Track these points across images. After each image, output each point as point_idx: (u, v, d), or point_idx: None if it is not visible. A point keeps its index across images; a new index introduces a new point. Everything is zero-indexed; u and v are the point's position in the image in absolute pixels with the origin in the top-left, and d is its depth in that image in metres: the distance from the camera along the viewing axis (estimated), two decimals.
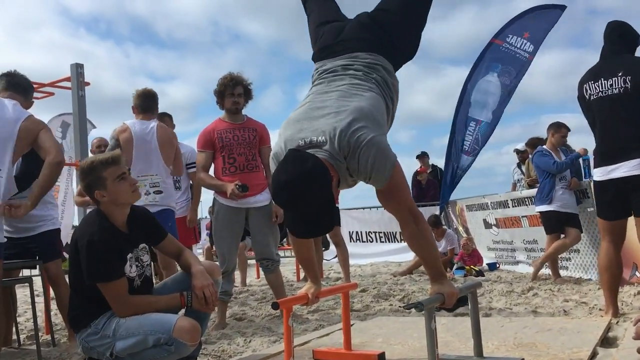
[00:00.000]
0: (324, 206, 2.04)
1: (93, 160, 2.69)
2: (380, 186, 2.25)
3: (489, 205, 8.02)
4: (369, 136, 2.15)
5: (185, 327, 2.51)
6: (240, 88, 4.45)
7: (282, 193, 2.04)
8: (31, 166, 3.63)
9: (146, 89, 4.58)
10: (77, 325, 2.67)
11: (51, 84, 7.01)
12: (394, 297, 5.50)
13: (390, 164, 2.19)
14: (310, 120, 2.27)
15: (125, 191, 2.67)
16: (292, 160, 2.09)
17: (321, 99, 2.36)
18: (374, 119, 2.24)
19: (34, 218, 3.93)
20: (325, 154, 2.15)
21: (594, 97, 3.70)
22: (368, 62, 2.48)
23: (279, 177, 2.07)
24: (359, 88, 2.36)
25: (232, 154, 4.39)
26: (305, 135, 2.21)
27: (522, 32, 8.80)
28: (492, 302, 4.85)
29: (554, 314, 4.08)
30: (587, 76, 3.78)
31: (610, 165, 3.59)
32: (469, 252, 7.69)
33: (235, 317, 4.80)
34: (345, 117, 2.19)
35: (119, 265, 2.60)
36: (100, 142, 5.69)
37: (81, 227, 2.70)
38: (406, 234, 2.37)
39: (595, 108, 3.70)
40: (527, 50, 8.79)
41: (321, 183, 2.04)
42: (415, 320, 3.83)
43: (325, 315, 4.66)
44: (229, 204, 4.31)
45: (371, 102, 2.30)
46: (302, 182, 2.00)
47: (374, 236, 10.55)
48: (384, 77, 2.47)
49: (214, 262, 3.73)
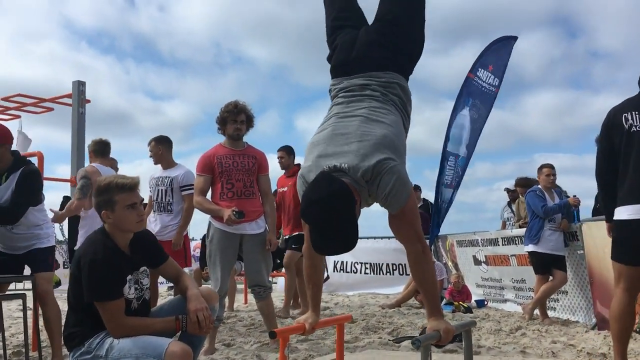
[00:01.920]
0: (348, 225, 2.22)
1: (111, 181, 2.72)
2: (394, 211, 2.42)
3: (479, 242, 8.07)
4: (391, 164, 2.34)
5: (177, 352, 2.52)
6: (243, 116, 4.52)
7: (311, 209, 2.22)
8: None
9: (102, 138, 5.28)
10: (71, 343, 2.68)
11: (52, 100, 7.06)
12: (383, 329, 5.50)
13: (407, 191, 2.38)
14: (334, 146, 2.45)
15: (130, 221, 2.71)
16: (321, 181, 2.29)
17: (344, 125, 2.54)
18: (396, 147, 2.43)
19: (30, 236, 3.93)
20: (349, 178, 2.32)
21: (636, 129, 3.36)
22: (384, 81, 2.66)
23: (309, 195, 2.25)
24: (379, 113, 2.54)
25: (231, 179, 4.44)
26: (330, 162, 2.38)
27: (487, 66, 9.05)
28: (481, 340, 4.87)
29: (542, 355, 4.10)
30: (628, 105, 3.46)
31: None
32: (459, 289, 7.72)
33: (224, 342, 4.78)
34: (368, 146, 2.37)
35: (119, 286, 2.62)
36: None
37: (85, 245, 2.73)
38: (412, 258, 2.48)
39: (636, 140, 3.34)
40: (492, 84, 9.04)
41: (346, 203, 2.22)
42: (406, 355, 3.84)
43: (315, 345, 4.65)
44: (224, 228, 4.34)
45: (392, 129, 2.49)
46: (330, 201, 2.19)
47: (359, 267, 10.51)
48: (399, 96, 2.67)
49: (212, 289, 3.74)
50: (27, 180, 3.84)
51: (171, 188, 5.35)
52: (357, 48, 2.76)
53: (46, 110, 7.40)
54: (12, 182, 3.80)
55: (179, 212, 5.34)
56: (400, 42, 2.76)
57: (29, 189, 3.87)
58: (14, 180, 3.80)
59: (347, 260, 10.48)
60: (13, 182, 3.80)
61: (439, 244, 9.42)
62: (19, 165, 3.88)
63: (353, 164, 2.34)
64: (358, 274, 10.43)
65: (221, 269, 4.35)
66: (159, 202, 5.36)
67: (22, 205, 3.82)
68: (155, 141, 5.46)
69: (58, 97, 6.99)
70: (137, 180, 2.77)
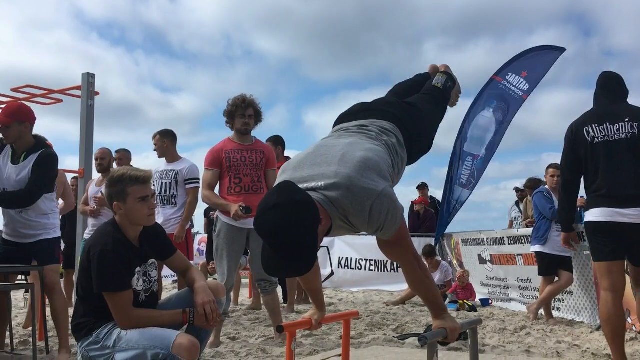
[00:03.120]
0: (305, 244, 1.89)
1: (124, 173, 2.74)
2: (389, 236, 2.18)
3: (485, 241, 8.06)
4: (380, 188, 2.07)
5: (185, 344, 2.54)
6: (251, 110, 4.53)
7: (265, 217, 1.89)
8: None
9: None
10: (79, 333, 2.70)
11: (61, 91, 7.06)
12: (388, 326, 5.51)
13: (400, 214, 2.15)
14: (311, 165, 2.18)
15: (141, 214, 2.73)
16: (284, 188, 1.99)
17: (325, 147, 2.29)
18: (381, 170, 2.16)
19: (37, 225, 3.96)
20: (321, 197, 2.04)
21: (599, 140, 3.67)
22: (384, 127, 2.47)
23: (266, 200, 1.94)
24: (366, 141, 2.32)
25: (239, 174, 4.45)
26: (305, 179, 2.12)
27: (520, 71, 8.98)
28: (485, 339, 4.87)
29: (547, 355, 4.10)
30: (588, 119, 3.76)
31: (621, 209, 3.51)
32: (463, 285, 7.71)
33: (229, 336, 4.80)
34: (350, 165, 2.11)
35: (127, 277, 2.64)
36: (103, 154, 5.71)
37: (95, 237, 2.75)
38: (412, 279, 2.38)
39: (601, 151, 3.65)
40: (521, 88, 8.96)
41: (309, 218, 1.90)
42: (411, 352, 3.85)
43: (319, 340, 4.66)
44: (231, 223, 4.36)
45: (378, 154, 2.24)
46: (289, 209, 1.87)
47: (363, 263, 10.51)
48: (394, 145, 2.41)
49: (219, 283, 3.76)
50: (44, 164, 3.89)
51: (176, 181, 5.37)
52: (372, 103, 2.72)
53: (55, 101, 7.40)
54: (30, 163, 3.86)
55: (183, 206, 5.37)
56: (413, 119, 2.63)
57: (46, 173, 3.92)
58: (32, 162, 3.85)
59: (351, 257, 10.48)
60: (30, 164, 3.85)
61: (444, 242, 9.41)
62: (38, 148, 3.93)
63: (330, 182, 2.06)
64: (363, 270, 10.43)
65: (228, 263, 4.36)
66: (163, 195, 5.39)
67: (38, 190, 3.86)
68: (160, 135, 5.49)
69: (67, 88, 6.99)
70: (150, 174, 2.80)
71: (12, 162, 3.92)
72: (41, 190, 3.88)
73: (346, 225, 2.15)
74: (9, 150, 3.97)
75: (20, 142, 3.91)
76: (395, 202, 2.12)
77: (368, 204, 2.03)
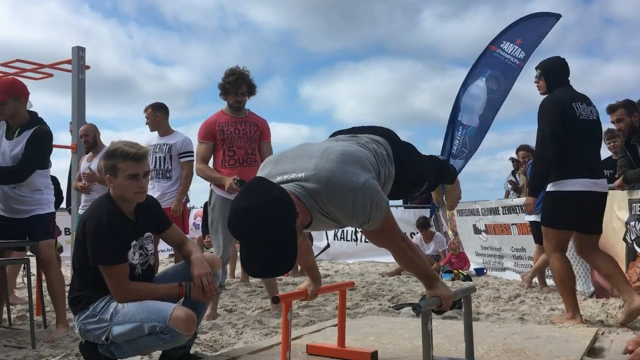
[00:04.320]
0: (284, 243, 1.82)
1: (118, 147, 2.71)
2: (375, 227, 2.14)
3: (480, 211, 8.10)
4: (361, 180, 2.02)
5: (182, 316, 2.54)
6: (244, 87, 4.48)
7: (238, 221, 1.84)
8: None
9: None
10: (76, 306, 2.70)
11: (51, 66, 7.00)
12: (383, 297, 5.56)
13: (385, 204, 2.10)
14: (293, 159, 2.16)
15: (130, 190, 2.70)
16: (255, 187, 1.92)
17: (310, 145, 2.27)
18: (363, 163, 2.12)
19: (30, 201, 3.94)
20: (299, 190, 1.99)
21: (584, 117, 3.94)
22: (375, 138, 2.41)
23: (238, 202, 1.87)
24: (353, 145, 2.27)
25: (233, 147, 4.43)
26: (285, 171, 2.09)
27: (515, 39, 8.93)
28: (480, 307, 4.92)
29: (540, 322, 4.15)
30: (573, 96, 4.01)
31: (596, 179, 3.92)
32: (456, 253, 7.77)
33: (225, 308, 4.84)
34: (332, 158, 2.08)
35: (123, 250, 2.64)
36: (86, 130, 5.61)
37: (90, 210, 2.74)
38: (403, 261, 2.40)
39: (587, 127, 3.95)
40: (517, 56, 8.92)
41: (284, 216, 1.83)
42: (406, 321, 3.89)
43: (316, 311, 4.71)
44: (226, 196, 4.35)
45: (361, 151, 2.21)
46: (262, 211, 1.80)
47: (359, 235, 10.59)
48: (383, 155, 2.34)
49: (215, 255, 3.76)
50: (37, 140, 3.87)
51: (170, 155, 5.33)
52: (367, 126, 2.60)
53: (46, 76, 7.33)
54: (24, 138, 3.84)
55: (178, 179, 5.32)
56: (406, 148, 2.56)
57: (39, 149, 3.90)
58: (26, 137, 3.83)
59: (347, 229, 10.54)
60: (25, 139, 3.83)
61: (440, 213, 9.45)
62: (33, 124, 3.91)
63: (310, 173, 2.01)
64: (359, 242, 10.51)
65: (223, 236, 4.37)
66: (158, 170, 5.34)
67: (30, 166, 3.84)
68: (152, 108, 5.42)
69: (57, 62, 6.91)
70: (144, 151, 2.74)
71: (6, 137, 3.89)
72: (33, 166, 3.86)
73: (328, 219, 2.10)
74: (3, 126, 3.94)
75: (16, 118, 3.88)
76: (378, 192, 2.07)
77: (350, 198, 1.99)
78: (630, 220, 4.77)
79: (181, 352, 2.81)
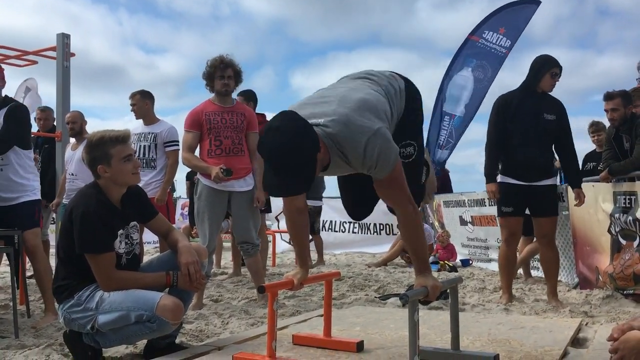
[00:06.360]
0: (303, 165, 2.05)
1: (103, 135, 2.69)
2: (382, 176, 2.24)
3: (466, 202, 8.14)
4: (375, 127, 2.16)
5: (169, 305, 2.54)
6: (230, 71, 4.45)
7: (268, 137, 2.06)
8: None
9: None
10: (60, 295, 2.68)
11: (35, 53, 6.91)
12: (370, 287, 5.57)
13: (395, 154, 2.22)
14: (313, 105, 2.29)
15: (127, 172, 2.70)
16: (288, 114, 2.16)
17: (327, 90, 2.42)
18: (378, 112, 2.26)
19: (16, 187, 3.89)
20: (321, 132, 2.15)
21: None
22: (389, 75, 2.52)
23: (270, 123, 2.11)
24: (368, 87, 2.40)
25: (219, 136, 4.40)
26: (307, 116, 2.20)
27: (497, 28, 8.99)
28: (465, 298, 4.95)
29: (525, 313, 4.18)
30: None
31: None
32: (444, 245, 7.81)
33: (211, 298, 4.82)
34: (349, 105, 2.21)
35: (110, 239, 2.62)
36: (74, 117, 5.55)
37: (77, 198, 2.71)
38: (403, 219, 2.40)
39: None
40: (503, 45, 8.99)
41: (309, 141, 2.06)
42: (392, 311, 3.90)
43: (302, 301, 4.71)
44: (212, 185, 4.33)
45: (377, 98, 2.33)
46: (291, 132, 2.04)
47: (347, 226, 10.61)
48: (395, 91, 2.46)
49: (201, 245, 3.74)
50: (14, 114, 3.85)
51: (155, 144, 5.27)
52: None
53: (30, 63, 7.24)
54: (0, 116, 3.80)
55: (163, 169, 5.27)
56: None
57: (18, 120, 3.89)
58: (1, 116, 3.80)
59: (335, 220, 10.57)
60: (1, 117, 3.80)
61: (427, 205, 9.48)
62: (6, 103, 3.89)
63: (329, 119, 2.17)
64: (346, 233, 10.53)
65: (209, 226, 4.35)
66: (142, 159, 5.27)
67: (8, 138, 3.83)
68: (140, 94, 5.35)
69: (42, 50, 6.82)
70: (128, 132, 2.76)
71: None
72: (11, 139, 3.83)
73: (344, 162, 2.23)
74: None
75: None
76: (389, 141, 2.20)
77: (363, 140, 2.13)
78: (615, 213, 4.81)
79: (166, 342, 2.79)
